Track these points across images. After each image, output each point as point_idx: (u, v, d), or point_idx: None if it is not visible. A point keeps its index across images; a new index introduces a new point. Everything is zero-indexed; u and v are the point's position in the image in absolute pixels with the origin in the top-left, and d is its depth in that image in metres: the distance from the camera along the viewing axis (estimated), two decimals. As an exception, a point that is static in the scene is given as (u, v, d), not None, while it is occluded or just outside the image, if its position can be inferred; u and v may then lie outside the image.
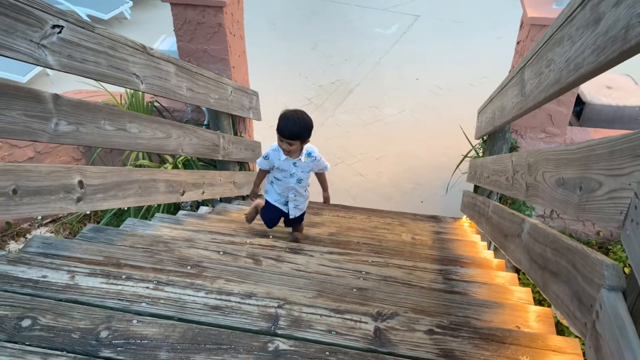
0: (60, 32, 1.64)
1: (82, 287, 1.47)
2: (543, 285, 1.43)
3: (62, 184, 1.81)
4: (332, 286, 1.74)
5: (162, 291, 1.47)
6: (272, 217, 2.67)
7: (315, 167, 2.55)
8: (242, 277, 1.77)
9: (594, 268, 1.06)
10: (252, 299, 1.46)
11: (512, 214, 2.00)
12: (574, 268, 1.18)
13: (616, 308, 0.95)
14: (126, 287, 1.48)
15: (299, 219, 2.76)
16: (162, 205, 3.38)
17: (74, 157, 3.96)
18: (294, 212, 2.65)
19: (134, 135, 2.28)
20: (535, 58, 1.73)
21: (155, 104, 3.83)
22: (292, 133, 2.28)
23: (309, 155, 2.46)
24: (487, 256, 2.72)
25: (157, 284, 1.50)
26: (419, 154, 4.91)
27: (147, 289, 1.48)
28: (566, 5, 1.36)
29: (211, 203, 3.75)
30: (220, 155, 3.40)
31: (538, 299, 2.71)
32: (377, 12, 7.57)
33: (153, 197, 2.53)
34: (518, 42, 3.44)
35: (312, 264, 2.12)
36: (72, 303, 1.40)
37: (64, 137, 1.82)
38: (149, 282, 1.51)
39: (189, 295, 1.47)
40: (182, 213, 3.25)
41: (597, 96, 4.08)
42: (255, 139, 4.26)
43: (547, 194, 1.50)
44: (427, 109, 5.56)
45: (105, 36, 1.89)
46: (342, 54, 6.58)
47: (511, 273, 2.31)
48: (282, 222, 2.77)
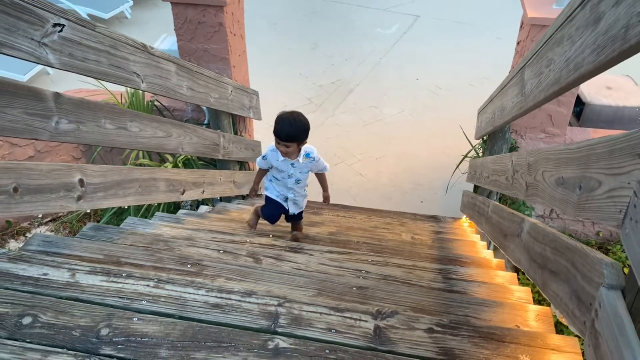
0: (61, 31, 1.64)
1: (83, 285, 1.47)
2: (542, 285, 1.43)
3: (63, 183, 1.81)
4: (332, 285, 1.75)
5: (163, 289, 1.48)
6: (273, 213, 2.67)
7: (314, 167, 2.54)
8: (242, 276, 1.77)
9: (593, 267, 1.07)
10: (252, 297, 1.47)
11: (512, 214, 2.00)
12: (574, 267, 1.19)
13: (615, 306, 0.96)
14: (127, 285, 1.49)
15: (297, 217, 2.76)
16: (162, 204, 3.38)
17: (74, 156, 3.96)
18: (293, 209, 2.66)
19: (135, 134, 2.29)
20: (535, 58, 1.74)
21: (156, 103, 3.83)
22: (288, 135, 2.27)
23: (307, 156, 2.45)
24: (486, 256, 2.73)
25: (158, 282, 1.51)
26: (419, 154, 4.91)
27: (148, 287, 1.48)
28: (566, 5, 1.37)
29: (211, 202, 3.75)
30: (220, 154, 3.40)
31: (537, 299, 2.72)
32: (378, 12, 7.58)
33: (153, 196, 2.53)
34: (518, 43, 3.44)
35: (312, 262, 2.12)
36: (73, 301, 1.40)
37: (65, 136, 1.82)
38: (150, 280, 1.51)
39: (189, 293, 1.47)
40: (182, 212, 3.26)
41: (597, 97, 4.09)
42: (255, 139, 4.26)
43: (547, 194, 1.50)
44: (427, 109, 5.57)
45: (106, 35, 1.90)
46: (343, 53, 6.59)
47: (511, 272, 2.31)
48: (283, 219, 2.78)
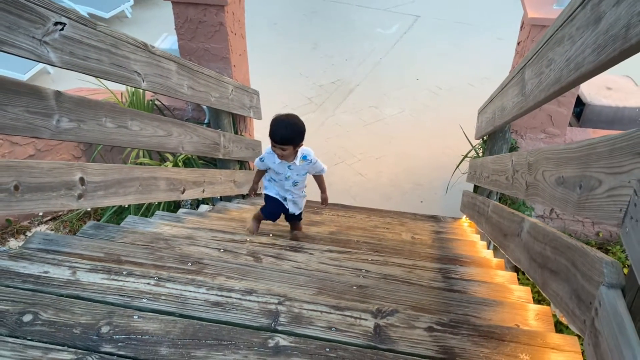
0: (62, 29, 1.65)
1: (84, 282, 1.47)
2: (542, 284, 1.43)
3: (64, 181, 1.81)
4: (332, 284, 1.75)
5: (163, 287, 1.48)
6: (274, 211, 2.66)
7: (312, 169, 2.53)
8: (243, 274, 1.78)
9: (593, 265, 1.07)
10: (252, 295, 1.47)
11: (512, 213, 2.00)
12: (574, 266, 1.19)
13: (615, 305, 0.96)
14: (127, 283, 1.49)
15: (297, 217, 2.76)
16: (162, 203, 3.39)
17: (75, 154, 3.96)
18: (292, 208, 2.66)
19: (135, 132, 2.29)
20: (535, 58, 1.74)
21: (156, 102, 3.83)
22: (283, 138, 2.26)
23: (304, 159, 2.44)
24: (486, 255, 2.73)
25: (158, 280, 1.51)
26: (419, 154, 4.91)
27: (148, 285, 1.48)
28: (567, 5, 1.37)
29: (211, 201, 3.75)
30: (220, 153, 3.41)
31: (537, 299, 2.72)
32: (378, 12, 7.58)
33: (154, 194, 2.54)
34: (518, 43, 3.45)
35: (313, 262, 2.12)
36: (74, 298, 1.40)
37: (66, 134, 1.82)
38: (150, 278, 1.52)
39: (189, 291, 1.47)
40: (182, 211, 3.26)
41: (597, 97, 4.09)
42: (255, 138, 4.26)
43: (547, 193, 1.50)
44: (427, 109, 5.57)
45: (107, 34, 1.90)
46: (343, 53, 6.59)
47: (510, 272, 2.31)
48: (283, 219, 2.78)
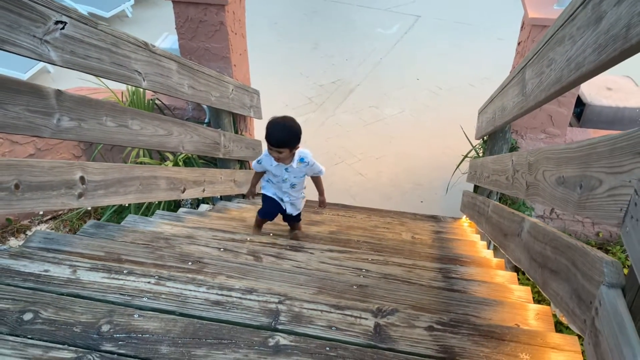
0: (63, 28, 1.65)
1: (84, 281, 1.47)
2: (543, 284, 1.43)
3: (64, 180, 1.81)
4: (332, 283, 1.75)
5: (164, 286, 1.48)
6: (270, 210, 2.65)
7: (309, 171, 2.51)
8: (243, 274, 1.78)
9: (593, 265, 1.07)
10: (252, 294, 1.47)
11: (512, 213, 2.00)
12: (574, 265, 1.19)
13: (615, 305, 0.96)
14: (128, 282, 1.49)
15: (295, 218, 2.75)
16: (162, 202, 3.39)
17: (75, 154, 3.96)
18: (290, 209, 2.65)
19: (136, 132, 2.29)
20: (536, 58, 1.74)
21: (157, 101, 3.83)
22: (279, 141, 2.24)
23: (302, 161, 2.41)
24: (486, 255, 2.73)
25: (159, 279, 1.51)
26: (419, 154, 4.91)
27: (149, 284, 1.48)
28: (568, 5, 1.37)
29: (211, 201, 3.75)
30: (221, 153, 3.41)
31: (537, 299, 2.72)
32: (379, 12, 7.58)
33: (154, 194, 2.54)
34: (519, 43, 3.45)
35: (313, 261, 2.12)
36: (74, 297, 1.40)
37: (66, 133, 1.82)
38: (151, 277, 1.52)
39: (190, 290, 1.47)
40: (182, 210, 3.26)
41: (597, 97, 4.09)
42: (255, 138, 4.26)
43: (548, 193, 1.50)
44: (427, 109, 5.57)
45: (108, 33, 1.90)
46: (343, 53, 6.59)
47: (510, 272, 2.32)
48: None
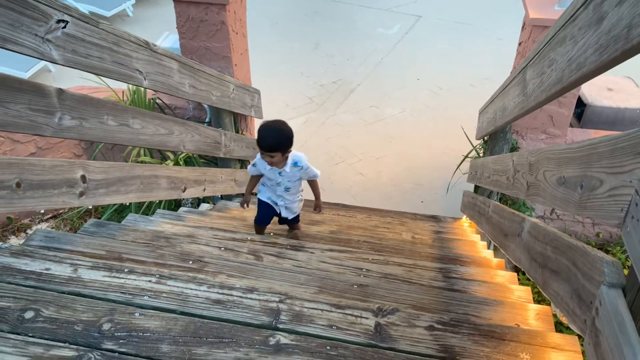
0: (65, 27, 1.65)
1: (85, 280, 1.47)
2: (543, 284, 1.44)
3: (65, 178, 1.82)
4: (332, 282, 1.75)
5: (165, 285, 1.48)
6: (263, 214, 2.64)
7: (304, 175, 2.48)
8: (244, 273, 1.78)
9: (594, 265, 1.07)
10: (253, 293, 1.47)
11: (513, 214, 2.01)
12: (574, 265, 1.19)
13: (616, 305, 0.96)
14: (129, 280, 1.49)
15: (292, 220, 2.73)
16: (163, 201, 3.39)
17: (76, 153, 3.97)
18: (285, 213, 2.63)
19: (137, 131, 2.29)
20: (537, 58, 1.74)
21: (157, 100, 3.84)
22: (270, 145, 2.22)
23: (295, 165, 2.38)
24: (486, 255, 2.73)
25: (160, 277, 1.51)
26: (419, 154, 4.92)
27: (150, 282, 1.49)
28: (569, 5, 1.37)
29: (212, 200, 3.76)
30: (221, 152, 3.41)
31: (537, 300, 2.72)
32: (380, 12, 7.58)
33: (155, 193, 2.54)
34: (520, 43, 3.45)
35: (313, 260, 2.13)
36: (75, 296, 1.40)
37: (68, 132, 1.83)
38: (152, 275, 1.52)
39: (191, 289, 1.47)
40: (183, 209, 3.26)
41: (598, 98, 4.09)
42: (256, 137, 4.26)
43: (548, 193, 1.51)
44: (428, 109, 5.57)
45: (110, 32, 1.90)
46: (344, 53, 6.59)
47: (511, 272, 2.32)
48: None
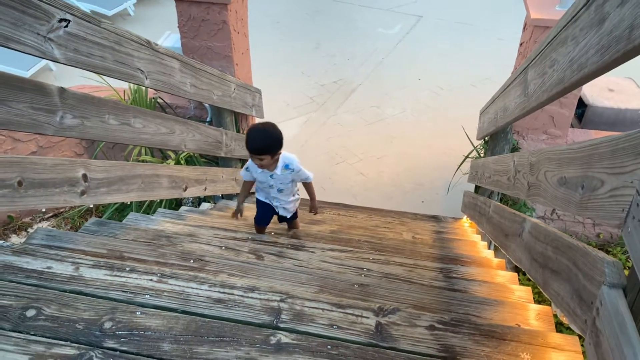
0: (67, 26, 1.65)
1: (87, 278, 1.48)
2: (543, 284, 1.44)
3: (67, 177, 1.82)
4: (333, 282, 1.76)
5: (166, 284, 1.48)
6: (262, 215, 2.65)
7: (296, 177, 2.47)
8: (245, 272, 1.78)
9: (594, 265, 1.07)
10: (254, 292, 1.48)
11: (513, 214, 2.01)
12: (575, 266, 1.19)
13: (617, 305, 0.96)
14: (130, 279, 1.49)
15: (291, 217, 2.73)
16: (163, 200, 3.39)
17: (77, 152, 3.97)
18: (283, 212, 2.63)
19: (138, 130, 2.29)
20: (538, 58, 1.74)
21: (159, 100, 3.84)
22: (257, 148, 2.21)
23: (287, 168, 2.37)
24: (487, 255, 2.74)
25: (161, 276, 1.52)
26: (420, 154, 4.92)
27: (151, 281, 1.49)
28: (570, 6, 1.37)
29: (213, 199, 3.76)
30: (222, 152, 3.41)
31: (538, 300, 2.72)
32: (381, 12, 7.58)
33: (156, 192, 2.54)
34: (521, 44, 3.45)
35: (314, 260, 2.13)
36: (77, 294, 1.41)
37: (69, 131, 1.83)
38: (153, 274, 1.52)
39: (192, 288, 1.48)
40: (184, 209, 3.26)
41: (599, 99, 4.09)
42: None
43: (549, 193, 1.51)
44: (428, 109, 5.57)
45: (111, 31, 1.90)
46: (345, 53, 6.59)
47: (511, 272, 2.32)
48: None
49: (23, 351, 1.20)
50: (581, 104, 4.08)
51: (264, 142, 2.21)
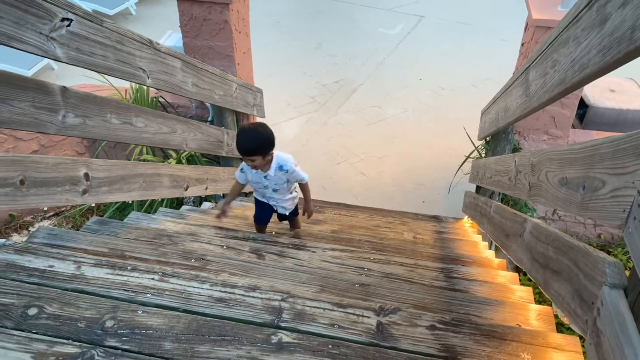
0: (69, 25, 1.66)
1: (88, 277, 1.48)
2: (544, 284, 1.44)
3: (69, 176, 1.82)
4: (334, 281, 1.76)
5: (168, 283, 1.49)
6: (261, 214, 2.64)
7: (291, 178, 2.44)
8: (246, 271, 1.79)
9: (595, 266, 1.08)
10: (255, 292, 1.48)
11: (514, 214, 2.01)
12: (576, 266, 1.19)
13: (617, 305, 0.96)
14: (131, 278, 1.50)
15: (290, 216, 2.72)
16: (165, 200, 3.40)
17: (78, 151, 3.97)
18: (282, 210, 2.62)
19: (140, 129, 2.30)
20: (540, 59, 1.75)
21: (160, 99, 3.84)
22: (247, 149, 2.18)
23: (281, 169, 2.34)
24: (488, 256, 2.74)
25: (163, 275, 1.52)
26: (421, 154, 4.92)
27: (153, 280, 1.49)
28: (572, 7, 1.37)
29: (214, 199, 3.76)
30: (224, 151, 3.42)
31: (538, 300, 2.72)
32: (382, 12, 7.58)
33: (157, 191, 2.55)
34: (522, 44, 3.45)
35: (315, 259, 2.13)
36: (78, 293, 1.41)
37: (71, 130, 1.83)
38: (154, 273, 1.53)
39: (193, 287, 1.48)
40: (185, 208, 3.27)
41: (600, 99, 4.09)
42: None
43: (550, 194, 1.51)
44: (430, 110, 5.57)
45: (113, 30, 1.91)
46: (346, 53, 6.59)
47: (512, 273, 2.32)
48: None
49: (25, 349, 1.21)
50: (582, 105, 4.08)
51: (254, 142, 2.18)
